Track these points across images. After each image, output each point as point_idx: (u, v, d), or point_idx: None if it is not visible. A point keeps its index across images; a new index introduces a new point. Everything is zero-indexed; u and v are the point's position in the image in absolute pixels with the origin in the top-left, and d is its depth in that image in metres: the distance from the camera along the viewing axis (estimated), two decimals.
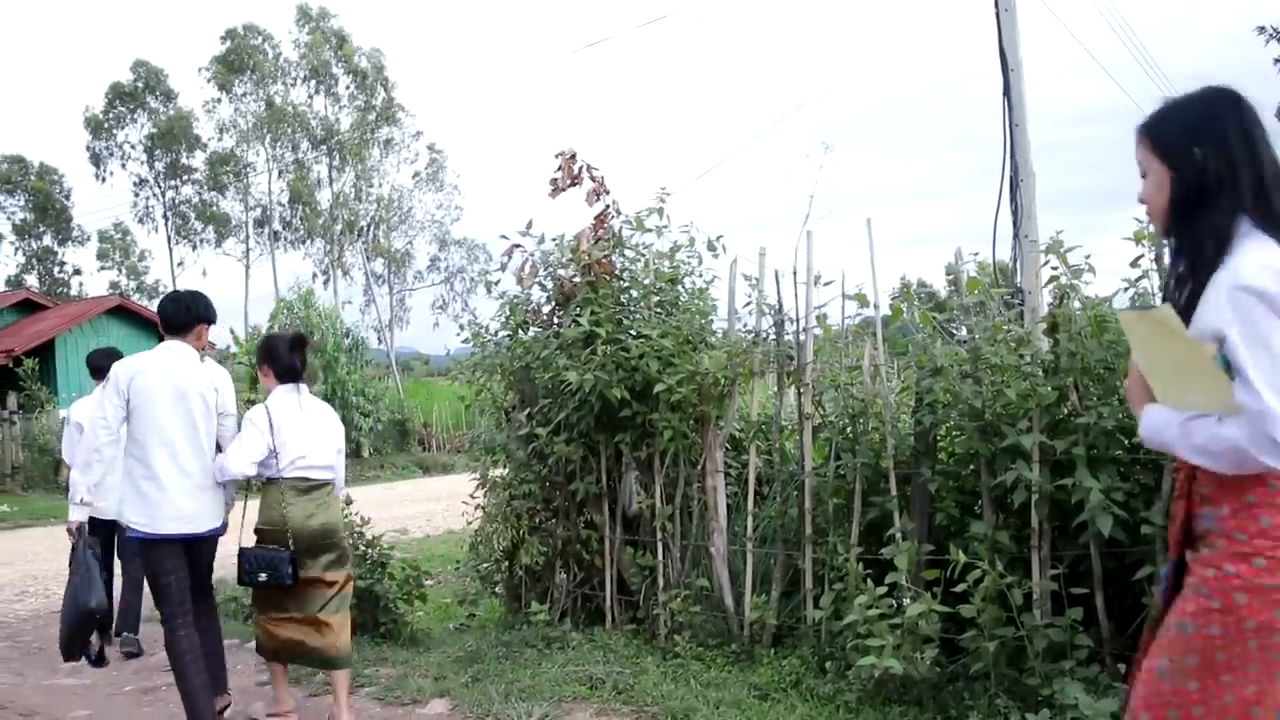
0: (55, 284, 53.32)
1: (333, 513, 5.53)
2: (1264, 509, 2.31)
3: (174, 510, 5.09)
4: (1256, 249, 2.32)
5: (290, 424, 5.39)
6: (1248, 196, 2.38)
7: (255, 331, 31.72)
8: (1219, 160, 2.41)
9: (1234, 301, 2.27)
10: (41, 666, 7.36)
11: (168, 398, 5.13)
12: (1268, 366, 2.22)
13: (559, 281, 7.01)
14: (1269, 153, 2.43)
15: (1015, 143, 8.51)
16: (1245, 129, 2.43)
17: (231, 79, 50.37)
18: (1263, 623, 2.29)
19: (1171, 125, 2.54)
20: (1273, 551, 2.28)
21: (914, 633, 5.01)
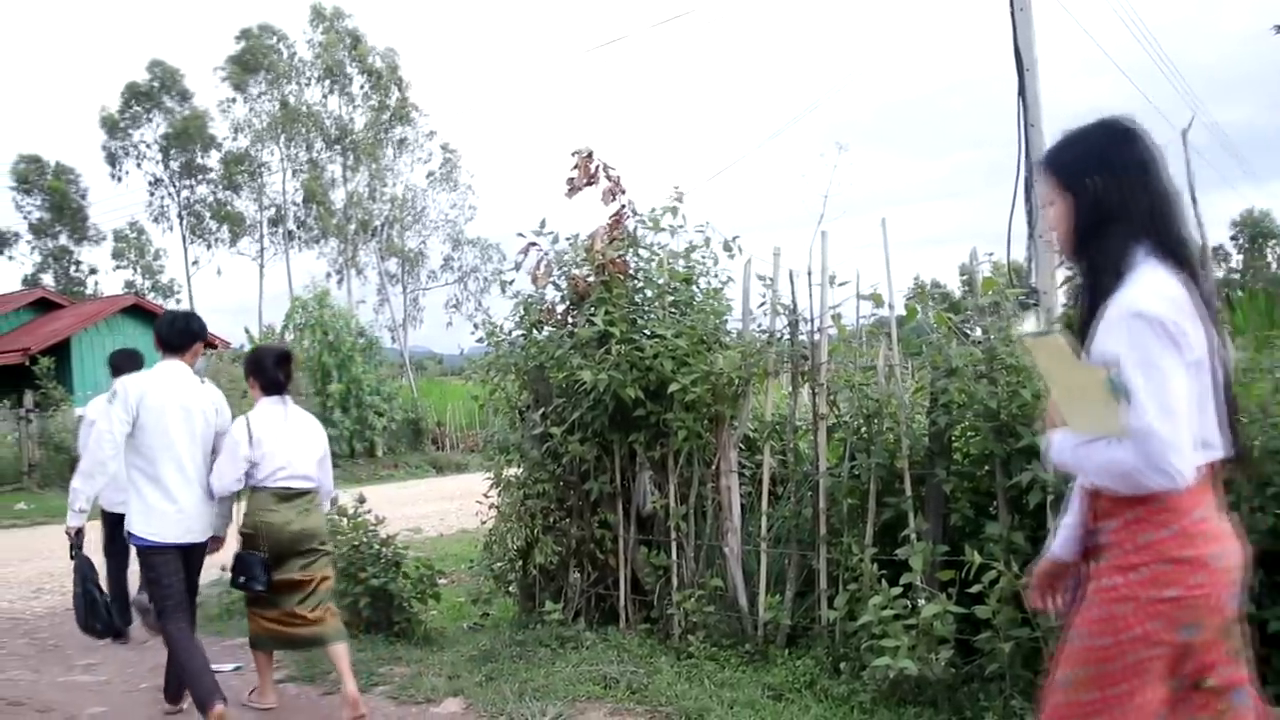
0: (71, 283, 53.48)
1: (313, 519, 5.80)
2: (1147, 524, 2.38)
3: (180, 520, 5.40)
4: (1150, 275, 2.39)
5: (272, 435, 5.66)
6: (1142, 224, 2.45)
7: (269, 331, 31.79)
8: (1112, 189, 2.49)
9: (1127, 327, 2.33)
10: (58, 663, 7.39)
11: (175, 415, 5.43)
12: (1157, 391, 2.28)
13: (573, 281, 7.01)
14: (1162, 182, 2.50)
15: (1030, 142, 8.49)
16: (1138, 159, 2.51)
17: (246, 79, 50.47)
18: (1144, 634, 2.36)
19: (1069, 156, 2.62)
20: (1152, 565, 2.36)
21: (929, 634, 5.00)
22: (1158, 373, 2.29)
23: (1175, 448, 2.27)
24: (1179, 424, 2.28)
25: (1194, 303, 2.40)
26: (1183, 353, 2.33)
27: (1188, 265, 2.45)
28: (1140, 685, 2.38)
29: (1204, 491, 2.41)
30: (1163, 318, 2.31)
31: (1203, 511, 2.39)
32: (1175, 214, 2.49)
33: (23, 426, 23.86)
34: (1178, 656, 2.38)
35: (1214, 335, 2.43)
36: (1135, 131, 2.55)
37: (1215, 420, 2.43)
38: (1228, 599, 2.41)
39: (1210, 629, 2.39)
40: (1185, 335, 2.33)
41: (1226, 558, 2.40)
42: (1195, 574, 2.35)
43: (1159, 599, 2.34)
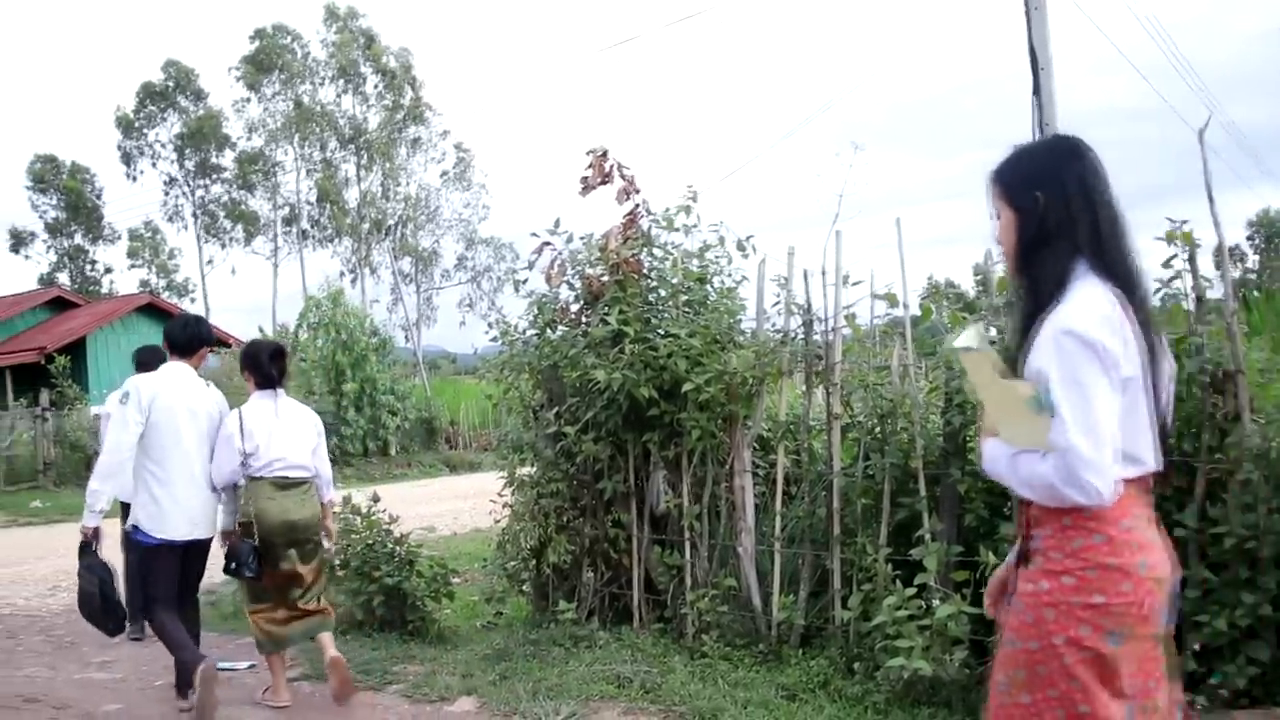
0: (86, 282, 53.70)
1: (309, 508, 5.95)
2: (1076, 531, 2.42)
3: (185, 516, 5.68)
4: (1086, 293, 2.43)
5: (265, 427, 5.82)
6: (1084, 242, 2.48)
7: (283, 329, 31.87)
8: (1057, 206, 2.51)
9: (1056, 344, 2.37)
10: (74, 660, 7.43)
11: (184, 416, 5.72)
12: (1080, 408, 2.32)
13: (587, 280, 7.02)
14: (1106, 201, 2.53)
15: None
16: (1083, 177, 2.53)
17: (260, 78, 50.63)
18: (1071, 639, 2.41)
19: (1016, 172, 2.65)
20: (1080, 571, 2.40)
21: (943, 634, 4.99)
22: (1082, 390, 2.34)
23: (1094, 466, 2.32)
24: (1100, 442, 2.33)
25: (1130, 320, 2.43)
26: (1109, 371, 2.36)
27: (1128, 283, 2.48)
28: (1074, 691, 2.42)
29: (1134, 503, 2.45)
30: (1091, 337, 2.35)
31: (1130, 522, 2.43)
32: (1117, 233, 2.52)
33: (39, 425, 23.97)
34: (1108, 666, 2.41)
35: (1151, 352, 2.48)
36: (1082, 150, 2.59)
37: (1146, 435, 2.47)
38: (1156, 608, 2.44)
39: (1138, 638, 2.42)
40: (1114, 354, 2.37)
41: (1154, 568, 2.44)
42: (1122, 582, 2.39)
43: (1085, 604, 2.39)
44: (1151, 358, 2.47)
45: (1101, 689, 2.41)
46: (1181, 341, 4.98)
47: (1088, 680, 2.41)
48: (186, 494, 5.67)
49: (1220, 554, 4.72)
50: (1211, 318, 5.01)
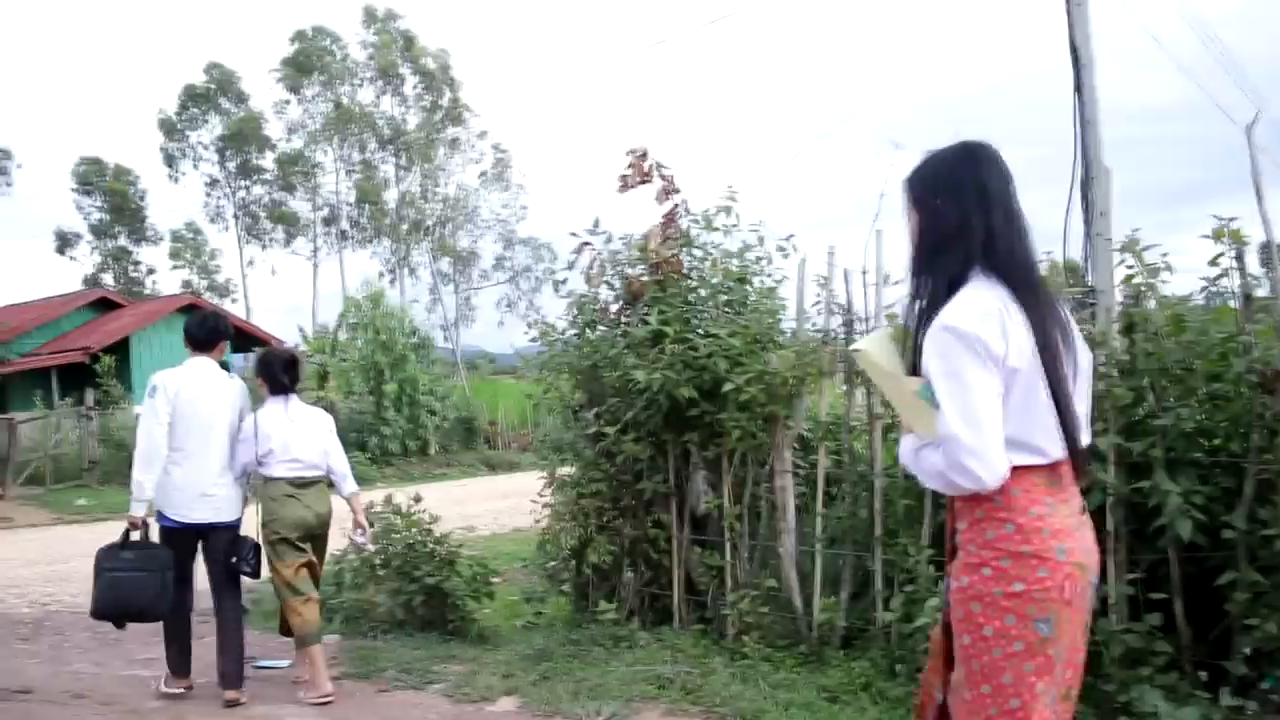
0: (130, 283, 54.25)
1: (324, 504, 6.31)
2: (988, 523, 2.50)
3: (206, 501, 5.98)
4: (972, 292, 2.52)
5: (278, 430, 6.17)
6: (979, 245, 2.57)
7: (324, 329, 32.11)
8: (954, 210, 2.62)
9: (937, 339, 2.47)
10: (119, 657, 7.50)
11: (206, 406, 6.03)
12: (960, 399, 2.42)
13: (627, 280, 7.02)
14: (1003, 206, 2.61)
15: (1086, 140, 8.37)
16: (982, 183, 2.62)
17: (300, 80, 51.02)
18: (999, 630, 2.47)
19: (921, 177, 2.76)
20: (995, 561, 2.48)
21: None
22: (961, 382, 2.42)
23: (975, 452, 2.40)
24: (981, 430, 2.40)
25: (1021, 317, 2.49)
26: (989, 365, 2.43)
27: (1021, 283, 2.55)
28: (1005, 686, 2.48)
29: (1043, 491, 2.51)
30: (970, 332, 2.43)
31: (1040, 509, 2.48)
32: (1012, 236, 2.60)
33: (84, 424, 24.26)
34: (1043, 654, 2.46)
35: (1050, 346, 2.52)
36: (983, 156, 2.68)
37: (1046, 425, 2.52)
38: (1079, 592, 2.49)
39: (1066, 622, 2.47)
40: (993, 348, 2.43)
41: (1072, 553, 2.48)
42: (1039, 567, 2.44)
43: (1007, 594, 2.45)
44: (1054, 351, 2.52)
45: (1037, 680, 2.47)
46: (1229, 340, 4.92)
47: (1020, 675, 2.46)
48: (207, 480, 5.98)
49: (1271, 556, 4.65)
50: (1260, 316, 4.94)
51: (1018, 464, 2.47)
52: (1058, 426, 2.52)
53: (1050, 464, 2.53)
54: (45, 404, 26.58)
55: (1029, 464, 2.49)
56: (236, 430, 6.13)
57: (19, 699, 6.46)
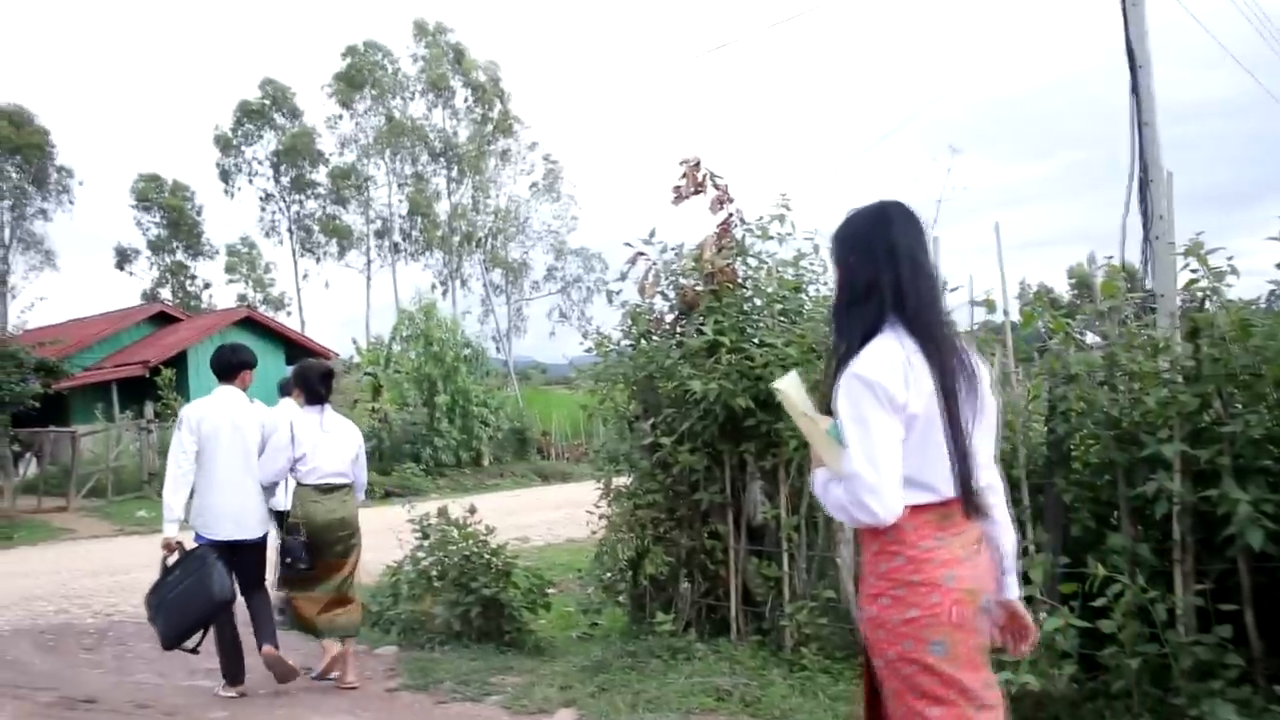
0: (187, 297, 55.05)
1: (349, 508, 6.72)
2: (883, 555, 2.70)
3: (231, 519, 6.45)
4: (880, 343, 2.71)
5: (311, 439, 6.60)
6: (890, 299, 2.75)
7: (378, 341, 32.37)
8: (865, 269, 2.82)
9: (847, 385, 2.67)
10: (181, 668, 7.57)
11: (229, 433, 6.51)
12: (862, 441, 2.61)
13: (682, 290, 7.01)
14: (911, 262, 2.78)
15: (1144, 141, 8.26)
16: (891, 242, 2.80)
17: (352, 95, 51.57)
18: (900, 654, 2.66)
19: (839, 237, 2.97)
20: (891, 591, 2.66)
21: (1051, 648, 4.86)
22: (864, 425, 2.62)
23: (874, 490, 2.59)
24: (880, 470, 2.59)
25: (926, 367, 2.67)
26: (890, 410, 2.62)
27: (929, 335, 2.72)
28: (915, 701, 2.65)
29: (937, 526, 2.69)
30: (874, 380, 2.62)
31: (931, 543, 2.66)
32: (920, 291, 2.76)
33: (144, 437, 24.61)
34: (942, 673, 2.62)
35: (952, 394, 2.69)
36: (893, 216, 2.86)
37: (941, 466, 2.68)
38: (969, 616, 2.65)
39: (959, 644, 2.63)
40: (894, 395, 2.62)
41: (961, 580, 2.66)
42: (930, 594, 2.63)
43: (904, 620, 2.63)
44: (954, 397, 2.69)
45: (944, 693, 2.63)
46: None
47: (929, 689, 2.63)
48: (231, 500, 6.46)
49: None
50: None
51: (912, 502, 2.66)
52: (952, 468, 2.69)
53: (943, 501, 2.71)
54: (106, 417, 27.02)
55: (922, 502, 2.68)
56: (259, 453, 6.57)
57: (85, 708, 6.57)
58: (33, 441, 24.20)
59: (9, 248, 50.57)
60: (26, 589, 12.08)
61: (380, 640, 7.90)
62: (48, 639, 9.03)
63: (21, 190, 49.84)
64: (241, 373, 6.76)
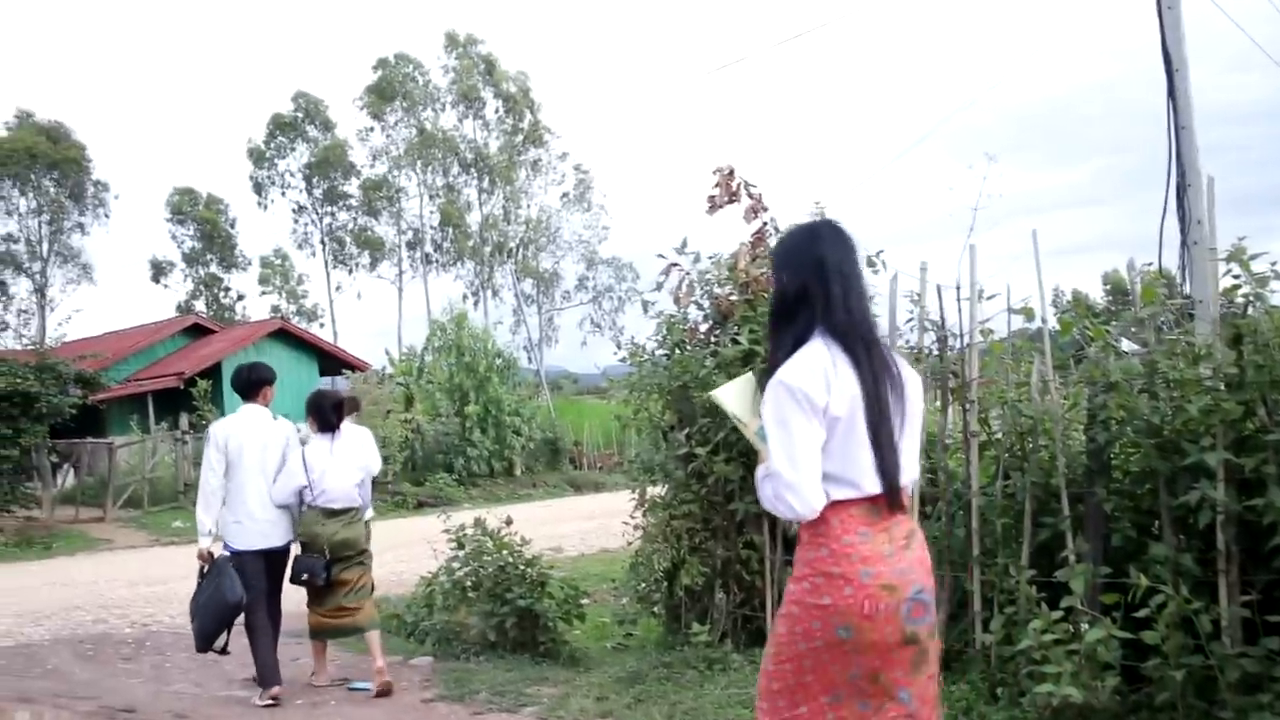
0: (221, 309, 55.46)
1: (354, 530, 7.10)
2: (810, 546, 2.94)
3: (259, 531, 6.86)
4: (806, 351, 2.93)
5: (321, 464, 7.00)
6: (820, 311, 2.98)
7: (410, 351, 32.49)
8: (795, 283, 3.05)
9: (772, 391, 2.89)
10: (218, 678, 7.63)
11: (254, 450, 6.89)
12: (784, 442, 2.84)
13: (716, 300, 6.99)
14: (839, 276, 3.00)
15: (1182, 145, 8.16)
16: (820, 258, 3.03)
17: (383, 107, 51.88)
18: (806, 631, 2.92)
19: (775, 253, 3.29)
20: (812, 578, 2.91)
21: (1093, 659, 4.80)
22: (786, 427, 2.84)
23: (793, 487, 2.82)
24: (799, 469, 2.82)
25: (850, 372, 2.89)
26: (811, 414, 2.84)
27: (856, 343, 2.93)
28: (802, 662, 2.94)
29: (861, 521, 2.90)
30: (795, 385, 2.84)
31: (853, 538, 2.88)
32: (849, 302, 2.98)
33: (179, 448, 24.80)
34: (841, 653, 2.89)
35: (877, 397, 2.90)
36: (822, 233, 3.12)
37: (864, 464, 2.89)
38: (881, 610, 2.86)
39: (867, 632, 2.86)
40: (816, 400, 2.84)
41: (879, 576, 2.86)
42: (844, 586, 2.86)
43: (817, 605, 2.89)
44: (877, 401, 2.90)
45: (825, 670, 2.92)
46: None
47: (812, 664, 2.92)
48: (257, 512, 6.85)
49: None
50: None
51: (837, 497, 2.89)
52: (875, 466, 2.90)
53: (868, 498, 2.91)
54: (141, 428, 27.27)
55: (846, 497, 2.90)
56: (281, 467, 6.96)
57: (124, 717, 6.61)
58: (70, 453, 24.46)
59: (47, 261, 51.19)
60: (66, 599, 12.19)
61: (415, 651, 7.92)
62: (87, 648, 9.10)
63: (59, 204, 50.45)
64: (262, 389, 7.12)
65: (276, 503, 6.93)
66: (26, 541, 18.55)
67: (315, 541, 6.96)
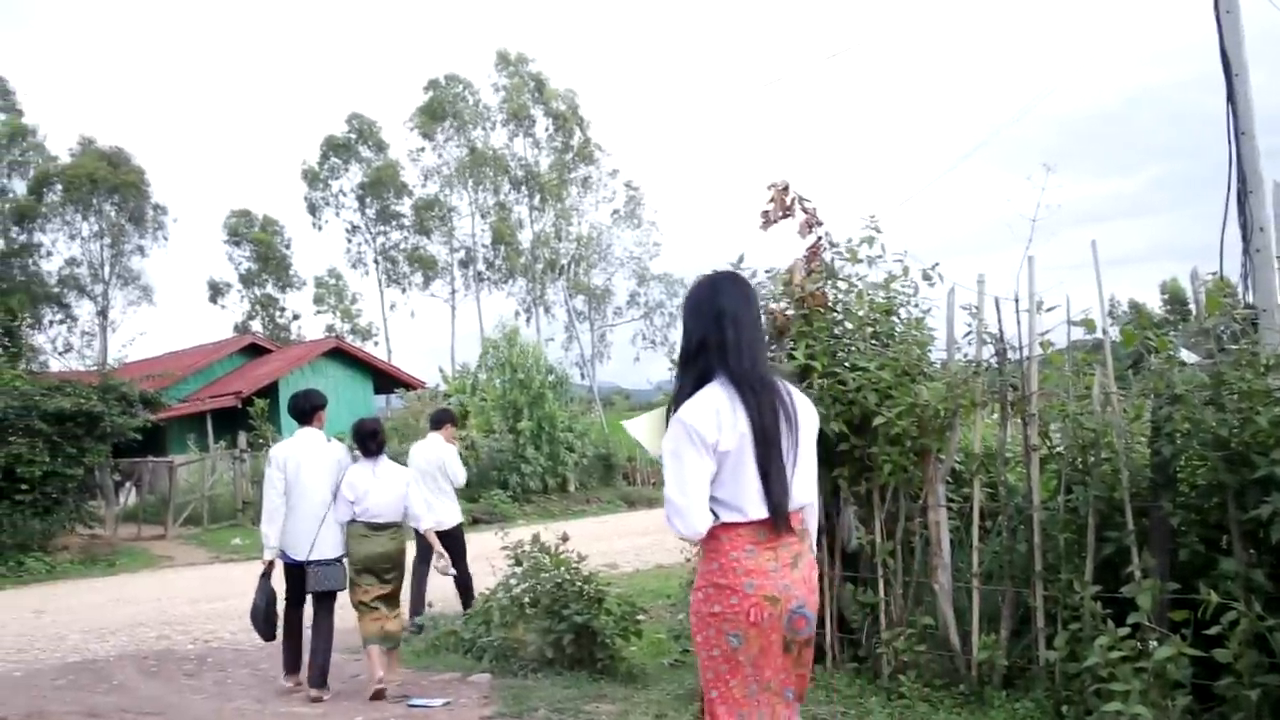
0: (277, 329, 56.09)
1: (394, 544, 7.66)
2: (705, 560, 3.34)
3: (309, 542, 7.45)
4: (704, 392, 3.29)
5: (364, 486, 7.56)
6: (717, 356, 3.33)
7: (463, 369, 32.64)
8: (697, 330, 3.40)
9: (671, 425, 3.30)
10: (278, 695, 7.67)
11: (309, 470, 7.54)
12: (675, 471, 3.23)
13: (772, 315, 6.95)
14: (734, 323, 3.35)
15: (1242, 150, 8.03)
16: (719, 308, 3.38)
17: (434, 127, 52.33)
18: (704, 639, 3.31)
19: (684, 301, 3.57)
20: (705, 588, 3.31)
21: (1162, 678, 4.72)
22: (678, 459, 3.23)
23: (681, 511, 3.21)
24: (688, 495, 3.20)
25: (742, 412, 3.24)
26: (701, 448, 3.21)
27: (749, 385, 3.28)
28: (720, 668, 3.28)
29: (749, 540, 3.26)
30: (689, 423, 3.23)
31: (739, 554, 3.24)
32: (743, 349, 3.33)
33: (237, 466, 25.07)
34: (732, 658, 3.26)
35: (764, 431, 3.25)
36: (722, 285, 3.47)
37: (750, 491, 3.25)
38: (765, 617, 3.23)
39: (753, 638, 3.24)
40: (706, 437, 3.21)
41: (762, 588, 3.23)
42: (730, 596, 3.24)
43: (709, 613, 3.28)
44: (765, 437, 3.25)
45: (730, 676, 3.27)
46: None
47: (718, 670, 3.28)
48: (310, 527, 7.45)
49: None
50: None
51: (726, 520, 3.25)
52: (761, 495, 3.25)
53: (754, 521, 3.26)
54: (200, 447, 27.60)
55: (735, 520, 3.25)
56: (336, 486, 7.55)
57: None
58: (132, 471, 24.80)
59: (109, 284, 52.04)
60: (130, 615, 12.35)
61: (473, 667, 7.92)
62: (150, 664, 9.20)
63: (120, 228, 51.32)
64: (316, 414, 7.83)
65: (336, 520, 7.50)
66: (91, 559, 18.79)
67: (356, 553, 7.50)
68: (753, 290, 3.56)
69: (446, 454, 9.99)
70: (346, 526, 7.53)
